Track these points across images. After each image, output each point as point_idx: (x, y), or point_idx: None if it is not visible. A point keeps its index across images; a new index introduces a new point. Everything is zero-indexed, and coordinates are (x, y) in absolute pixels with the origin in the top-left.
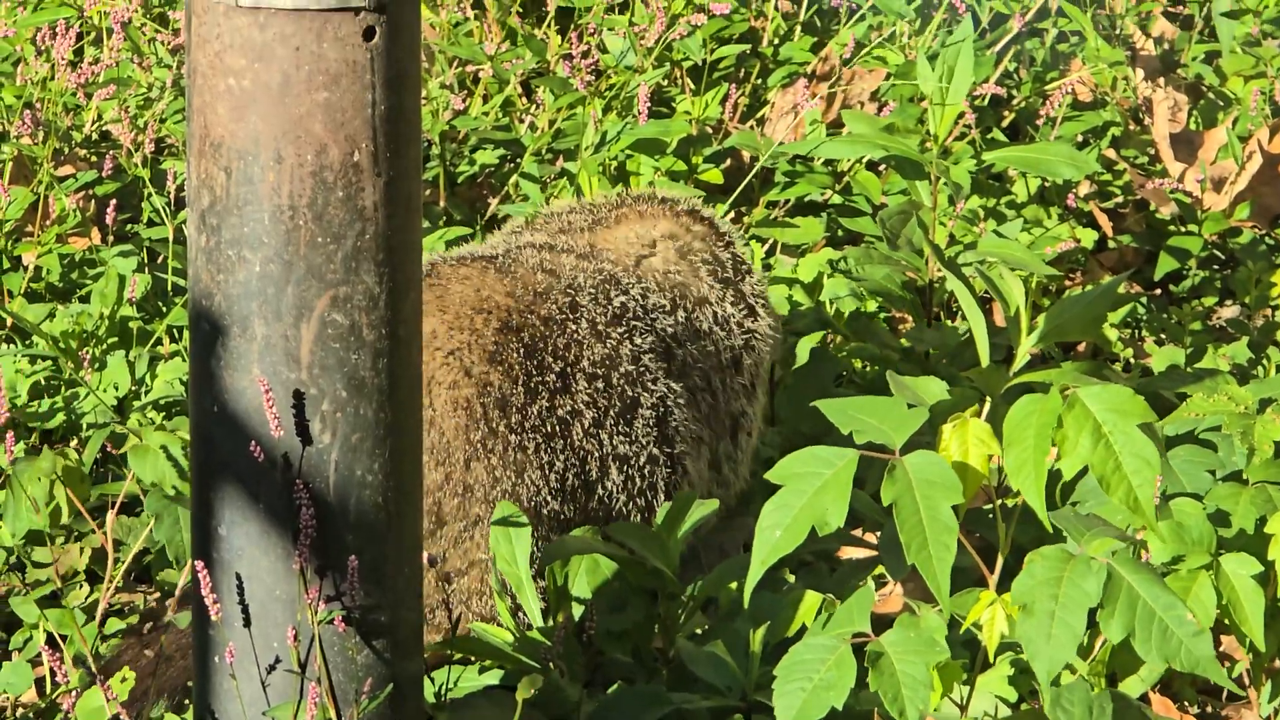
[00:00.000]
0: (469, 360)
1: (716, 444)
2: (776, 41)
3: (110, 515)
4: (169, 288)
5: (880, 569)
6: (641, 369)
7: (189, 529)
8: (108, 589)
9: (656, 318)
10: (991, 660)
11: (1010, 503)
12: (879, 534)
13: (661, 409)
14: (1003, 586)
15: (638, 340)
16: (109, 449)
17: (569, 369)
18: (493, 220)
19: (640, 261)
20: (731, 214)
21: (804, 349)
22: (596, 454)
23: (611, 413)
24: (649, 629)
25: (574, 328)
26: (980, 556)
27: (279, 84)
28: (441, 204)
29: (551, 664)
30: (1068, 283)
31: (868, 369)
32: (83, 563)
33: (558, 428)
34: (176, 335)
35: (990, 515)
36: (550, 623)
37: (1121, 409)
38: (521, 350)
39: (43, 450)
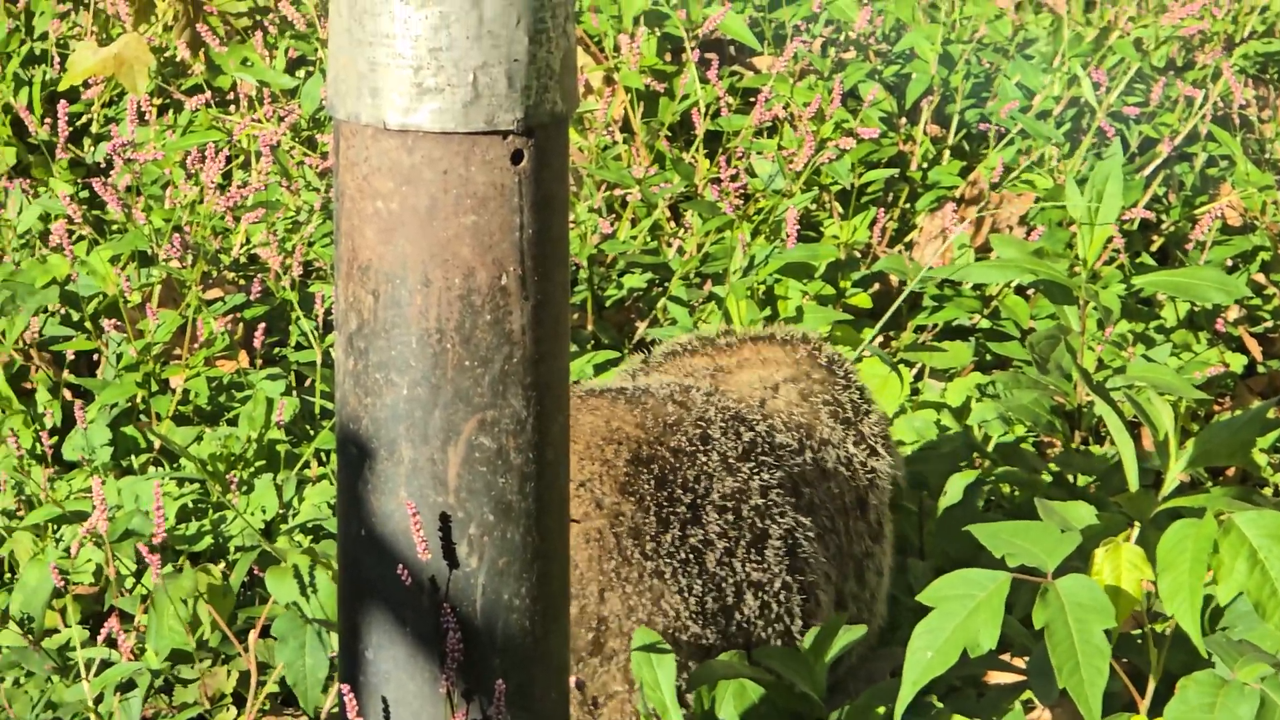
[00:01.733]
0: (600, 491)
1: (843, 584)
2: (925, 165)
3: (253, 636)
4: (316, 411)
5: (1028, 694)
6: (770, 502)
7: (311, 654)
8: (252, 711)
9: (784, 456)
10: None
11: (1159, 628)
12: (1026, 658)
13: (790, 540)
14: (1153, 712)
15: (766, 475)
16: (256, 572)
17: (700, 500)
18: (641, 344)
19: (764, 403)
20: (880, 338)
21: (955, 485)
22: (731, 580)
23: (743, 542)
24: None
25: (704, 460)
26: (1129, 681)
27: (426, 207)
28: (589, 328)
29: None
30: (1216, 408)
31: (1015, 494)
32: (229, 685)
33: (691, 555)
34: (324, 458)
35: (1138, 640)
36: None
37: (1277, 534)
38: (653, 481)
39: (184, 569)
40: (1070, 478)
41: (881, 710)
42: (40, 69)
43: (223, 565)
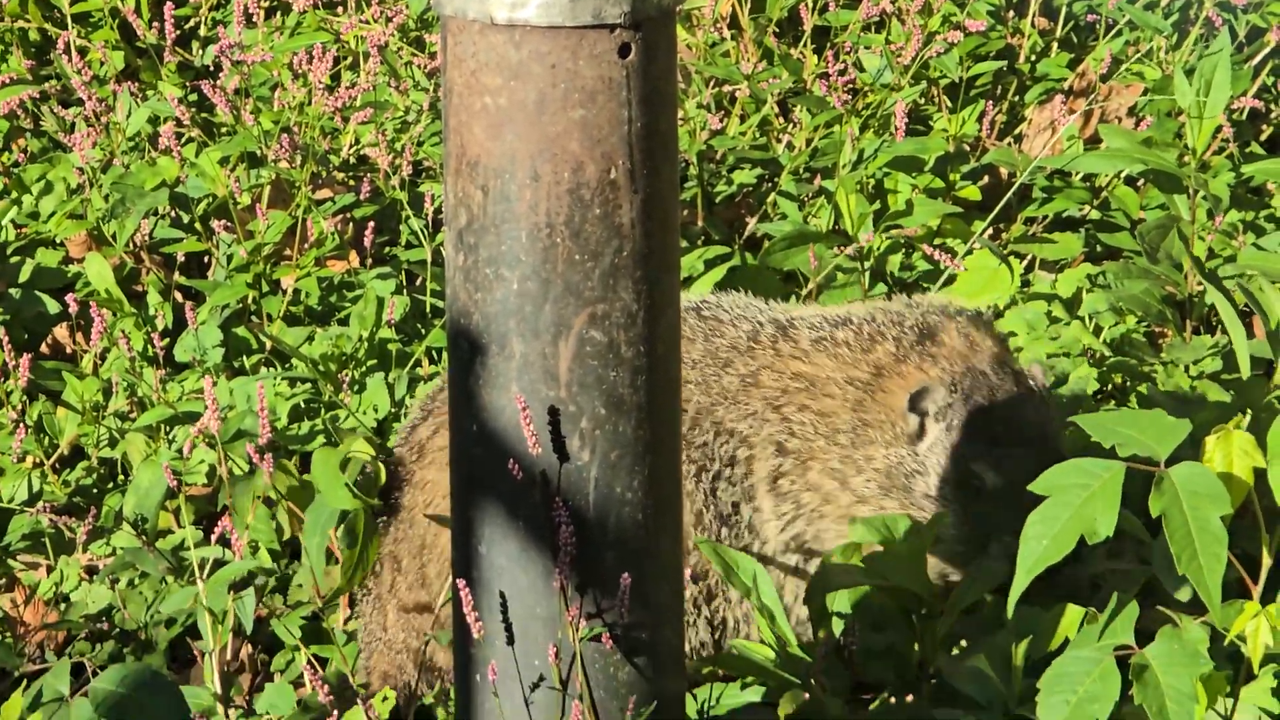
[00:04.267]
0: None
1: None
2: (1033, 58)
3: (335, 533)
4: (427, 309)
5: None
6: None
7: (322, 533)
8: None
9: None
10: (1256, 672)
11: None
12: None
13: None
14: (1266, 597)
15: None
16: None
17: None
18: (750, 239)
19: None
20: (990, 231)
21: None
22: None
23: None
24: (909, 646)
25: None
26: (1241, 567)
27: (535, 102)
28: (699, 224)
29: (813, 680)
30: None
31: (1127, 384)
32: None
33: None
34: (435, 357)
35: (1252, 526)
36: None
37: None
38: None
39: (256, 470)
40: (1182, 367)
41: (991, 598)
42: None
43: None
